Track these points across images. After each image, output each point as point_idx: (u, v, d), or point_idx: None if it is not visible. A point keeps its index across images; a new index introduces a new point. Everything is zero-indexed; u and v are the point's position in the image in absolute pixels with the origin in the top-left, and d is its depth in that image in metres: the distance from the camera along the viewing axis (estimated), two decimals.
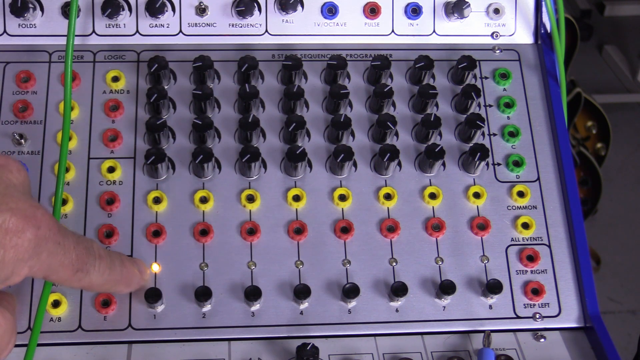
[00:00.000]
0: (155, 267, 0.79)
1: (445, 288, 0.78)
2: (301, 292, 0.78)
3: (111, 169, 0.82)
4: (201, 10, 0.89)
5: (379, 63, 0.87)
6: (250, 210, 0.82)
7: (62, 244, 0.64)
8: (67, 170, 0.81)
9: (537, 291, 0.81)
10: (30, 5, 0.86)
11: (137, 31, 0.89)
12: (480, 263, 0.82)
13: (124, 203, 0.81)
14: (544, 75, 0.91)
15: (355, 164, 0.85)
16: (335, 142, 0.85)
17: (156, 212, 0.81)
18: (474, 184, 0.85)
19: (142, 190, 0.82)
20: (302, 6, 0.90)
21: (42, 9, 0.88)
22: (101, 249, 0.70)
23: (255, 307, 0.78)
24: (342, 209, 0.83)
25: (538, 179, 0.86)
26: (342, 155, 0.82)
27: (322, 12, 0.90)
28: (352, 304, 0.79)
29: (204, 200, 0.82)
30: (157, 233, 0.80)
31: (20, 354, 0.74)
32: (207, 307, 0.78)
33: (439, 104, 0.89)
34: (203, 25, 0.89)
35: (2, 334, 0.65)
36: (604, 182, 2.22)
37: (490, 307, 0.80)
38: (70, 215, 0.80)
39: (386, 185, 0.84)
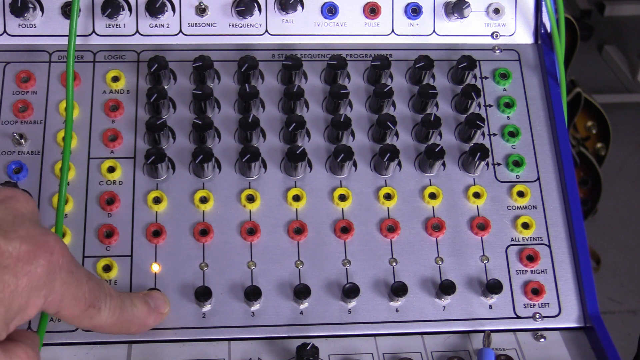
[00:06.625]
0: (155, 267, 0.79)
1: (445, 288, 0.78)
2: (301, 292, 0.78)
3: (111, 169, 0.82)
4: (201, 10, 0.89)
5: (379, 63, 0.87)
6: (250, 210, 0.82)
7: (75, 274, 0.62)
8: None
9: (537, 291, 0.81)
10: (30, 5, 0.86)
11: (137, 31, 0.89)
12: (480, 263, 0.82)
13: (124, 203, 0.81)
14: (544, 75, 0.91)
15: (355, 164, 0.85)
16: (335, 142, 0.85)
17: (156, 212, 0.81)
18: (474, 184, 0.85)
19: (142, 190, 0.82)
20: (302, 6, 0.90)
21: (42, 9, 0.88)
22: (111, 288, 0.68)
23: (255, 307, 0.78)
24: (342, 209, 0.83)
25: (538, 179, 0.86)
26: (342, 155, 0.82)
27: (322, 12, 0.90)
28: (352, 304, 0.79)
29: (204, 200, 0.82)
30: (157, 233, 0.80)
31: None
32: (207, 307, 0.78)
33: (439, 104, 0.89)
34: (203, 25, 0.89)
35: None
36: (604, 182, 2.21)
37: (490, 307, 0.80)
38: (70, 215, 0.80)
39: (386, 185, 0.84)
